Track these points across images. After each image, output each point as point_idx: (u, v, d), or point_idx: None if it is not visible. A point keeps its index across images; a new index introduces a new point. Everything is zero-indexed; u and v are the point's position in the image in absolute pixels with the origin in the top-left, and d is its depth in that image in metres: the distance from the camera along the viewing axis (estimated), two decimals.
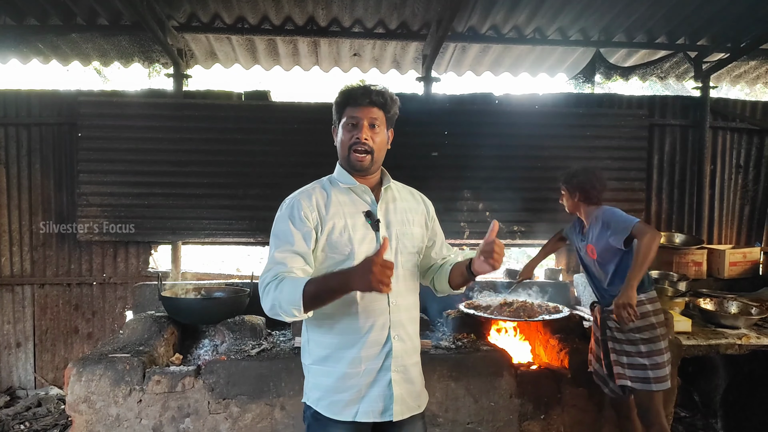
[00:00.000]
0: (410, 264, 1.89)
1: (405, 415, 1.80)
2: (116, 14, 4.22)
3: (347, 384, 1.77)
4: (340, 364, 1.78)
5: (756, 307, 3.66)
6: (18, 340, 4.67)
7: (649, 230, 2.67)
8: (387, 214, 1.87)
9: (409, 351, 1.84)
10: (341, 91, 1.86)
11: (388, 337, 1.79)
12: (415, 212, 1.95)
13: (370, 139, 1.80)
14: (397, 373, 1.79)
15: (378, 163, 1.86)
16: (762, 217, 5.29)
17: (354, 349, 1.77)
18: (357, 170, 1.84)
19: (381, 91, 1.82)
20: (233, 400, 2.88)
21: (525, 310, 3.51)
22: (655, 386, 2.73)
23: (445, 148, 4.60)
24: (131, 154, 4.41)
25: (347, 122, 1.82)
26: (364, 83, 1.86)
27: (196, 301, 3.62)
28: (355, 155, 1.80)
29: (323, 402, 1.80)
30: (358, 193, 1.87)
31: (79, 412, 2.79)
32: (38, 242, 4.63)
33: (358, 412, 1.76)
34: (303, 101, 4.63)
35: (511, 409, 3.07)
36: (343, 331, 1.78)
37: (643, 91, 10.27)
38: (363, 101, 1.80)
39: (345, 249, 1.78)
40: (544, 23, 4.48)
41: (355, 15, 4.36)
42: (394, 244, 1.84)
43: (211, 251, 9.73)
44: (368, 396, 1.77)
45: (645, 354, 2.75)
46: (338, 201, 1.84)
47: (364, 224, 1.82)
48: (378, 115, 1.81)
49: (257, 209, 4.50)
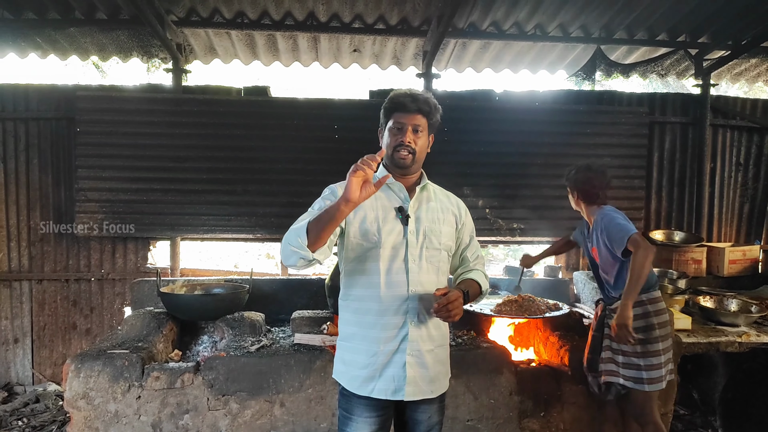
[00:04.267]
0: (435, 259, 2.01)
1: (417, 397, 1.94)
2: (115, 8, 4.20)
3: (365, 362, 1.93)
4: (361, 342, 1.95)
5: (756, 305, 3.67)
6: (16, 336, 4.66)
7: (642, 245, 2.62)
8: (418, 211, 2.01)
9: (424, 338, 1.96)
10: (390, 98, 2.00)
11: (405, 322, 1.93)
12: (447, 212, 2.09)
13: (413, 141, 1.95)
14: (412, 356, 1.93)
15: (418, 164, 2.02)
16: (762, 215, 5.29)
17: (373, 330, 1.94)
18: (399, 167, 1.99)
19: (426, 99, 1.98)
20: (232, 397, 2.88)
21: (525, 308, 3.50)
22: (648, 387, 2.72)
23: (445, 145, 4.59)
24: (130, 149, 4.39)
25: (394, 126, 1.97)
26: (411, 91, 1.99)
27: (195, 297, 3.61)
28: (398, 154, 1.95)
29: (345, 376, 1.99)
30: (395, 190, 2.02)
31: (77, 409, 2.78)
32: (36, 238, 4.61)
33: (374, 389, 1.92)
34: (302, 97, 4.61)
35: (511, 407, 3.07)
36: (366, 312, 1.95)
37: (644, 88, 10.31)
38: (411, 108, 1.95)
39: (373, 237, 1.94)
40: (545, 19, 4.46)
41: (355, 10, 4.34)
42: (421, 239, 1.98)
43: (209, 247, 9.73)
44: (384, 375, 1.92)
45: (640, 354, 2.74)
46: (374, 195, 1.89)
47: (395, 218, 1.97)
48: (422, 122, 1.97)
49: (256, 205, 4.49)
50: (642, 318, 2.76)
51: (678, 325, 3.34)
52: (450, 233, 2.08)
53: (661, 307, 2.82)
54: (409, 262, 1.94)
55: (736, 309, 3.71)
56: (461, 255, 2.17)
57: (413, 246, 1.96)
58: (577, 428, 3.13)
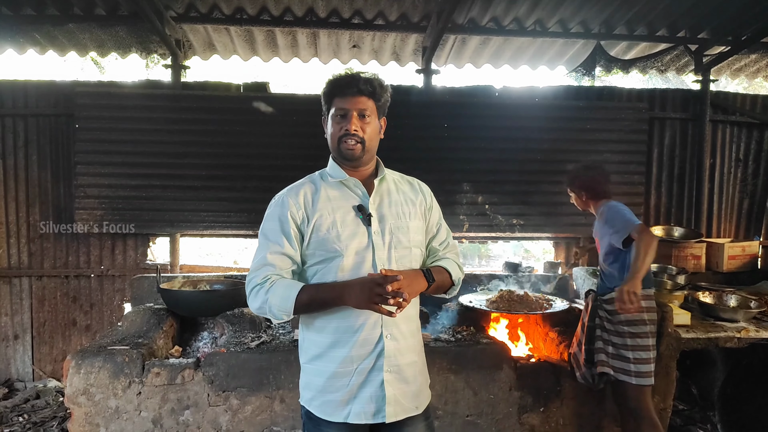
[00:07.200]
0: (406, 260, 1.79)
1: (399, 417, 1.74)
2: (114, 4, 4.18)
3: (338, 384, 1.72)
4: (331, 363, 1.73)
5: (755, 301, 3.67)
6: (16, 333, 4.66)
7: (648, 231, 2.70)
8: (381, 208, 1.80)
9: (402, 350, 1.76)
10: (328, 81, 1.78)
11: (381, 336, 1.72)
12: (412, 204, 1.86)
13: (360, 129, 1.73)
14: (390, 373, 1.72)
15: (370, 152, 1.80)
16: (761, 210, 5.29)
17: (345, 348, 1.72)
18: (348, 160, 1.78)
19: (369, 78, 1.75)
20: (233, 393, 2.88)
21: (524, 303, 3.51)
22: (635, 380, 2.74)
23: (444, 141, 4.59)
24: (129, 145, 4.39)
25: (335, 113, 1.76)
26: (351, 71, 1.77)
27: (195, 293, 3.61)
28: (345, 144, 1.74)
29: (315, 402, 1.76)
30: (350, 187, 1.80)
31: (78, 405, 2.78)
32: (36, 234, 4.61)
33: (350, 414, 1.71)
34: (301, 93, 4.61)
35: (511, 402, 3.08)
36: (336, 330, 1.73)
37: (643, 84, 10.29)
38: (350, 91, 1.73)
39: (333, 246, 1.72)
40: (545, 15, 4.45)
41: (354, 6, 4.33)
42: (387, 239, 1.76)
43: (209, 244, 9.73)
44: (360, 397, 1.71)
45: (630, 347, 2.78)
46: (327, 196, 1.79)
47: (355, 219, 1.75)
48: (367, 105, 1.75)
49: (256, 201, 4.48)
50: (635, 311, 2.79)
51: (677, 320, 3.35)
52: (418, 227, 1.85)
53: (653, 304, 2.87)
54: (377, 269, 1.69)
55: (735, 305, 3.72)
56: (428, 246, 1.93)
57: (380, 248, 1.73)
58: (576, 423, 3.14)
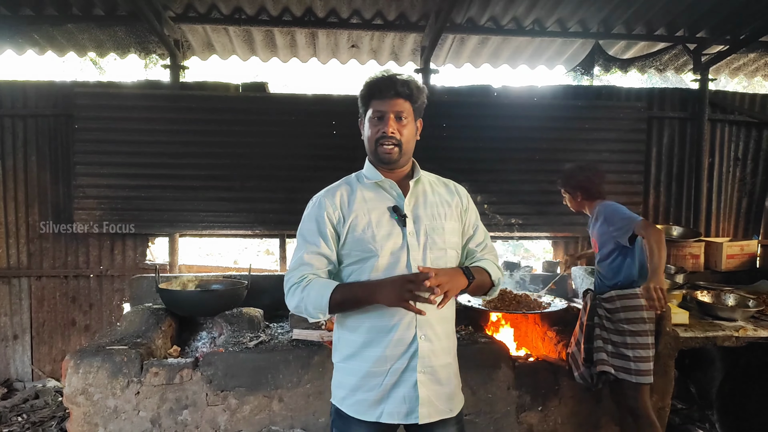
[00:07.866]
0: (441, 261, 1.78)
1: (433, 418, 1.74)
2: (112, 4, 4.18)
3: (371, 383, 1.73)
4: (365, 362, 1.74)
5: (753, 300, 3.67)
6: (15, 333, 4.67)
7: (652, 226, 2.71)
8: (416, 209, 1.81)
9: (437, 352, 1.76)
10: (366, 83, 1.79)
11: (415, 337, 1.72)
12: (447, 205, 1.86)
13: (397, 132, 1.75)
14: (424, 374, 1.72)
15: (407, 155, 1.82)
16: (759, 209, 5.29)
17: (379, 348, 1.72)
18: (385, 163, 1.79)
19: (406, 80, 1.76)
20: (231, 392, 2.89)
21: (522, 303, 3.52)
22: (635, 378, 2.75)
23: (443, 141, 4.59)
24: (128, 145, 4.39)
25: (373, 116, 1.77)
26: (389, 73, 1.78)
27: (193, 293, 3.62)
28: (382, 147, 1.75)
29: (348, 401, 1.76)
30: (385, 188, 1.82)
31: (76, 404, 2.79)
32: (35, 234, 4.61)
33: (382, 413, 1.71)
34: (300, 93, 4.62)
35: (509, 401, 3.08)
36: (370, 329, 1.74)
37: (642, 83, 10.29)
38: (388, 93, 1.74)
39: (368, 246, 1.73)
40: (544, 14, 4.45)
41: (353, 6, 4.33)
42: (422, 240, 1.77)
43: (208, 244, 9.73)
44: (393, 396, 1.71)
45: (630, 345, 2.78)
46: (363, 197, 1.80)
47: (390, 220, 1.76)
48: (404, 107, 1.76)
49: (255, 201, 4.50)
50: (635, 310, 2.80)
51: (675, 319, 3.35)
52: (454, 228, 1.84)
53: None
54: (412, 269, 1.71)
55: (733, 304, 3.72)
56: (465, 247, 1.92)
57: (415, 249, 1.74)
58: (574, 422, 3.14)
